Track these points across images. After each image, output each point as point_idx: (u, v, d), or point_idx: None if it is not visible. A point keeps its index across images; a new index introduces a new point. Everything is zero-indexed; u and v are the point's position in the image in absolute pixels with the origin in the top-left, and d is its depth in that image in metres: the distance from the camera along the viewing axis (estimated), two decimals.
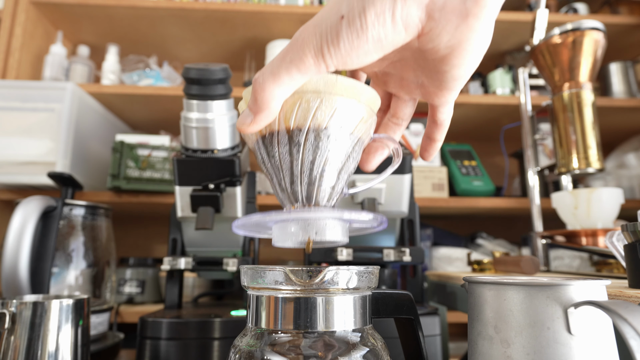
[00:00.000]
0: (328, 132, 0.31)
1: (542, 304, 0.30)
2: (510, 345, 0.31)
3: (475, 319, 0.34)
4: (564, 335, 0.29)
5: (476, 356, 0.34)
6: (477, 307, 0.34)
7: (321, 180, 0.32)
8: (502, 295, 0.32)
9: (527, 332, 0.30)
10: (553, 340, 0.29)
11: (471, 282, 0.35)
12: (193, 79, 0.53)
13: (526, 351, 0.30)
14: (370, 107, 0.33)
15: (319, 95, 0.30)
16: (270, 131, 0.32)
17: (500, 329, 0.31)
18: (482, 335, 0.33)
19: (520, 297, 0.31)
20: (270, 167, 0.33)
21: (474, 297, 0.35)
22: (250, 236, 0.65)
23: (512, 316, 0.31)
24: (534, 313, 0.30)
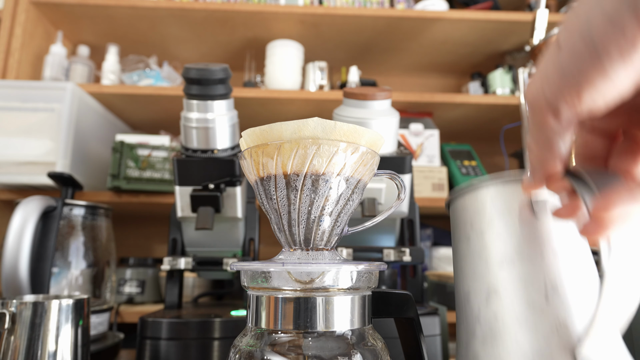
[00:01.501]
0: (326, 178, 0.31)
1: (510, 195, 0.34)
2: (485, 233, 0.34)
3: (455, 229, 0.38)
4: (530, 218, 0.33)
5: (458, 258, 0.37)
6: (456, 218, 0.38)
7: (319, 224, 0.32)
8: (474, 197, 0.36)
9: (498, 220, 0.34)
10: (521, 222, 0.33)
11: (451, 200, 0.39)
12: (193, 79, 0.53)
13: (498, 235, 0.33)
14: (372, 148, 0.33)
15: (317, 142, 0.30)
16: (268, 175, 0.32)
17: (475, 224, 0.35)
18: (461, 239, 0.37)
19: (491, 193, 0.35)
20: (269, 207, 0.33)
21: (453, 213, 0.39)
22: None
23: (485, 210, 0.35)
24: (503, 203, 0.34)
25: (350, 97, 0.54)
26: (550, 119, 0.24)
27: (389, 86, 1.43)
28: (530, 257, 0.31)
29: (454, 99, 1.19)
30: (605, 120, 0.28)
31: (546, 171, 0.28)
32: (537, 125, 0.25)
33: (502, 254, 0.32)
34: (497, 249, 0.33)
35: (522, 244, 0.32)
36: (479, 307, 0.32)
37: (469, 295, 0.34)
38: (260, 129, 0.32)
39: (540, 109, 0.24)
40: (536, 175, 0.29)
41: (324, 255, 0.33)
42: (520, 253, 0.32)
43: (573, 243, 0.33)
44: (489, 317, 0.31)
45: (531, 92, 0.25)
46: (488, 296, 0.32)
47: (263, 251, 1.23)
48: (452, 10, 1.23)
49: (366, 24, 1.25)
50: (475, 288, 0.33)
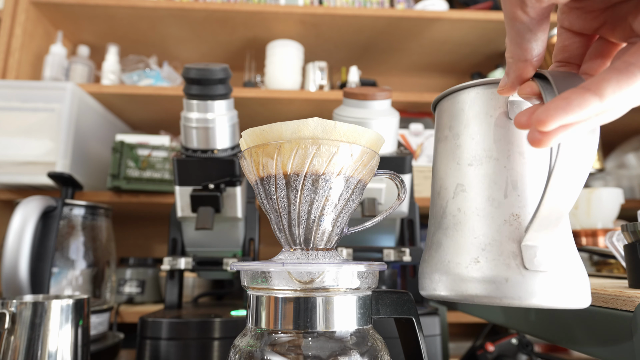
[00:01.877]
0: (326, 178, 0.31)
1: (488, 98, 0.35)
2: (460, 135, 0.36)
3: (437, 131, 0.39)
4: (503, 120, 0.34)
5: (435, 158, 0.39)
6: (438, 120, 0.39)
7: (319, 224, 0.32)
8: (455, 100, 0.37)
9: (473, 122, 0.35)
10: (494, 124, 0.34)
11: (436, 102, 0.40)
12: (193, 79, 0.53)
13: (472, 136, 0.35)
14: (372, 148, 0.33)
15: (317, 142, 0.30)
16: (268, 175, 0.32)
17: (453, 127, 0.37)
18: (440, 139, 0.38)
19: (471, 96, 0.36)
20: (269, 207, 0.33)
21: (437, 116, 0.40)
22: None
23: (463, 114, 0.36)
24: (480, 106, 0.35)
25: (350, 97, 0.54)
26: (518, 10, 0.25)
27: (389, 86, 1.43)
28: (497, 157, 0.34)
29: None
30: (583, 20, 0.28)
31: (518, 71, 0.28)
32: (508, 19, 0.26)
33: (472, 154, 0.35)
34: (469, 149, 0.35)
35: (492, 145, 0.34)
36: (447, 202, 0.35)
37: (440, 191, 0.37)
38: (260, 129, 0.32)
39: (509, 0, 0.25)
40: (510, 76, 0.29)
41: (324, 255, 0.33)
42: (489, 153, 0.34)
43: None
44: (454, 210, 0.34)
45: None
46: (455, 192, 0.35)
47: (263, 251, 1.23)
48: (452, 10, 1.23)
49: (366, 24, 1.25)
50: (445, 185, 0.36)
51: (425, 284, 0.35)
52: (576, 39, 0.29)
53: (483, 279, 0.31)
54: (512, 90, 0.30)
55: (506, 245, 0.31)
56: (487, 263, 0.31)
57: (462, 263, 0.32)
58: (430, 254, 0.35)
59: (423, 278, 0.36)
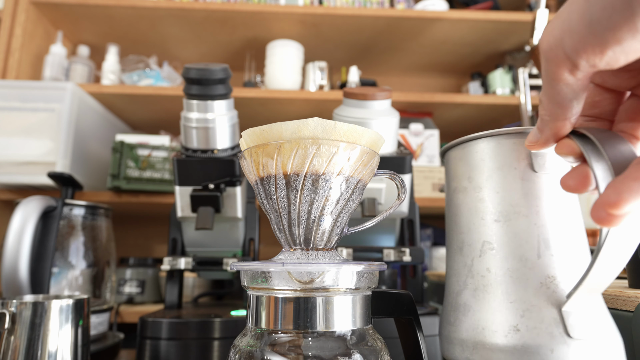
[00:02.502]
0: (326, 178, 0.31)
1: (510, 149, 0.34)
2: (483, 188, 0.34)
3: (451, 179, 0.38)
4: (528, 173, 0.33)
5: (453, 210, 0.37)
6: (452, 168, 0.38)
7: (319, 224, 0.32)
8: (474, 149, 0.36)
9: (497, 174, 0.34)
10: (520, 177, 0.33)
11: (447, 149, 0.39)
12: (193, 79, 0.53)
13: (496, 190, 0.34)
14: (372, 148, 0.33)
15: (317, 142, 0.30)
16: (268, 175, 0.32)
17: (473, 178, 0.35)
18: (457, 190, 0.37)
19: (491, 146, 0.35)
20: (269, 207, 0.33)
21: (450, 163, 0.38)
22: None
23: (483, 164, 0.35)
24: (503, 157, 0.34)
25: (350, 97, 0.54)
26: (566, 73, 0.23)
27: (389, 86, 1.43)
28: (526, 213, 0.32)
29: (454, 99, 1.19)
30: (617, 77, 0.27)
31: (555, 129, 0.27)
32: (550, 79, 0.24)
33: (499, 210, 0.33)
34: (495, 204, 0.33)
35: (519, 200, 0.32)
36: (473, 260, 0.33)
37: (462, 247, 0.35)
38: (260, 129, 0.32)
39: (557, 61, 0.23)
40: (544, 133, 0.28)
41: (324, 255, 0.33)
42: (516, 209, 0.32)
43: (567, 200, 0.33)
44: (481, 270, 0.32)
45: (547, 41, 0.24)
46: (482, 250, 0.33)
47: (263, 251, 1.23)
48: (452, 10, 1.23)
49: (366, 24, 1.25)
50: (469, 241, 0.34)
51: (456, 351, 0.32)
52: (607, 95, 0.28)
53: (525, 350, 0.28)
54: (544, 147, 0.29)
55: (546, 311, 0.29)
56: (528, 332, 0.29)
57: (500, 331, 0.30)
58: (458, 317, 0.33)
59: (450, 343, 0.33)
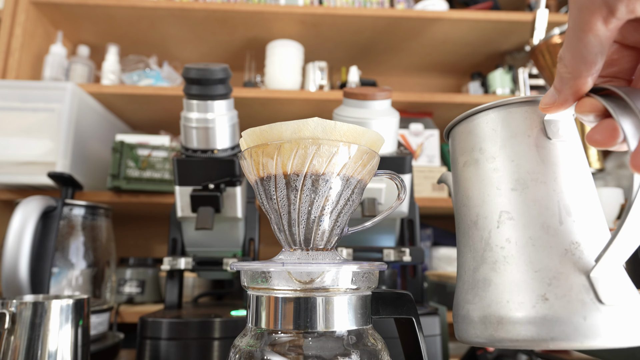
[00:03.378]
0: (326, 178, 0.31)
1: (522, 116, 0.33)
2: (496, 157, 0.33)
3: (460, 155, 0.37)
4: (543, 140, 0.32)
5: (464, 184, 0.36)
6: (460, 143, 0.37)
7: (319, 224, 0.32)
8: (484, 120, 0.35)
9: (510, 143, 0.33)
10: (534, 145, 0.32)
11: (452, 126, 0.38)
12: (193, 79, 0.53)
13: (511, 158, 0.32)
14: (372, 148, 0.33)
15: (317, 142, 0.30)
16: (268, 175, 0.32)
17: (485, 149, 0.34)
18: (468, 163, 0.35)
19: (502, 115, 0.34)
20: (269, 207, 0.33)
21: (456, 139, 0.37)
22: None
23: (496, 134, 0.34)
24: (516, 126, 0.33)
25: (350, 97, 0.54)
26: (599, 22, 0.22)
27: (389, 86, 1.43)
28: (545, 180, 0.31)
29: (454, 99, 1.19)
30: (639, 33, 0.26)
31: (576, 87, 0.26)
32: (579, 29, 0.23)
33: (515, 178, 0.32)
34: (511, 172, 0.32)
35: (536, 167, 0.32)
36: (490, 232, 0.32)
37: (477, 221, 0.33)
38: (260, 129, 0.32)
39: (592, 7, 0.22)
40: (563, 92, 0.27)
41: (324, 255, 0.33)
42: (534, 176, 0.31)
43: (582, 165, 0.32)
44: (500, 241, 0.31)
45: None
46: (500, 221, 0.32)
47: (263, 251, 1.23)
48: (452, 10, 1.23)
49: (366, 24, 1.25)
50: (484, 213, 0.33)
51: (478, 330, 0.31)
52: (626, 52, 0.27)
53: (557, 320, 0.27)
54: (561, 108, 0.28)
55: (574, 278, 0.28)
56: (557, 300, 0.28)
57: (527, 302, 0.28)
58: (477, 294, 0.31)
59: (469, 323, 0.31)
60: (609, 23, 0.22)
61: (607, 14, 0.22)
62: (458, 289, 0.35)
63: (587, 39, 0.23)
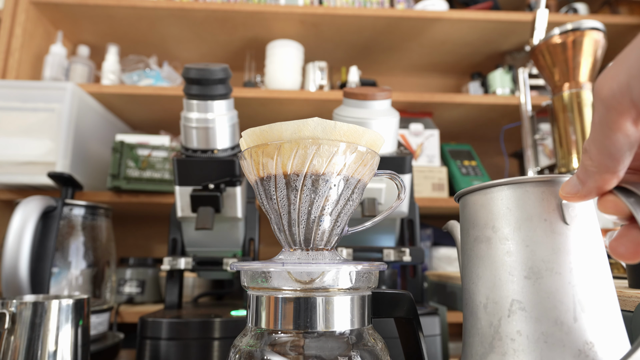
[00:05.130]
0: (326, 178, 0.31)
1: (539, 198, 0.31)
2: (510, 240, 0.32)
3: (471, 227, 0.35)
4: (560, 226, 0.31)
5: (474, 261, 0.34)
6: (472, 215, 0.35)
7: (319, 224, 0.32)
8: (498, 196, 0.33)
9: (526, 226, 0.31)
10: (550, 230, 0.30)
11: (464, 193, 0.36)
12: (193, 79, 0.53)
13: (525, 243, 0.31)
14: (372, 148, 0.33)
15: (317, 142, 0.30)
16: (268, 175, 0.32)
17: (498, 228, 0.32)
18: (479, 239, 0.34)
19: (518, 194, 0.32)
20: (269, 207, 0.33)
21: (468, 208, 0.36)
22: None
23: (510, 213, 0.32)
24: (532, 207, 0.31)
25: (350, 97, 0.54)
26: (629, 123, 0.21)
27: (389, 86, 1.43)
28: (559, 270, 0.29)
29: (454, 99, 1.19)
30: None
31: (601, 183, 0.25)
32: (607, 128, 0.22)
33: (529, 265, 0.30)
34: (525, 258, 0.30)
35: (551, 256, 0.30)
36: (500, 320, 0.30)
37: (486, 304, 0.32)
38: (260, 129, 0.32)
39: (621, 109, 0.21)
40: (587, 185, 0.26)
41: (324, 255, 0.33)
42: (549, 265, 0.30)
43: (599, 253, 0.31)
44: (511, 332, 0.30)
45: (610, 87, 0.21)
46: (511, 310, 0.30)
47: (263, 251, 1.23)
48: (452, 10, 1.23)
49: (366, 24, 1.25)
50: (495, 298, 0.31)
51: None
52: None
53: None
54: (583, 199, 0.27)
55: None
56: None
57: None
58: None
59: None
60: (638, 127, 0.21)
61: (637, 115, 0.21)
62: None
63: (616, 138, 0.22)
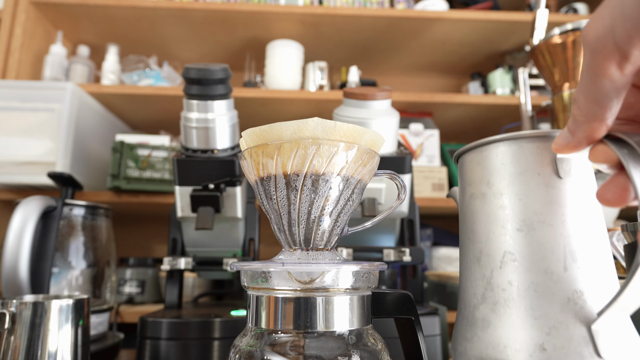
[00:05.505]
0: (326, 178, 0.31)
1: (533, 153, 0.32)
2: (503, 194, 0.32)
3: (467, 185, 0.36)
4: (553, 179, 0.31)
5: (469, 217, 0.35)
6: (468, 172, 0.36)
7: (319, 224, 0.32)
8: (493, 153, 0.34)
9: (519, 180, 0.31)
10: (544, 184, 0.31)
11: (463, 152, 0.36)
12: (193, 79, 0.53)
13: (518, 197, 0.31)
14: (372, 148, 0.33)
15: (317, 142, 0.30)
16: (268, 175, 0.32)
17: (493, 183, 0.33)
18: (474, 196, 0.34)
19: (512, 150, 0.32)
20: (269, 207, 0.33)
21: (465, 166, 0.36)
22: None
23: (504, 169, 0.32)
24: (525, 162, 0.32)
25: (350, 97, 0.54)
26: (613, 66, 0.21)
27: (389, 86, 1.43)
28: (551, 222, 0.30)
29: (454, 99, 1.19)
30: None
31: (590, 132, 0.25)
32: (593, 73, 0.22)
33: (521, 218, 0.31)
34: (517, 211, 0.31)
35: (543, 208, 0.30)
36: (492, 271, 0.31)
37: (480, 257, 0.32)
38: (260, 129, 0.32)
39: (605, 52, 0.21)
40: (576, 135, 0.26)
41: (324, 255, 0.33)
42: (540, 217, 0.30)
43: (594, 206, 0.31)
44: (502, 282, 0.30)
45: (595, 30, 0.21)
46: (503, 261, 0.31)
47: (263, 251, 1.23)
48: (452, 10, 1.23)
49: (366, 24, 1.25)
50: (488, 251, 0.32)
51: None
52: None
53: None
54: (574, 151, 0.27)
55: (574, 329, 0.27)
56: (555, 352, 0.27)
57: (524, 350, 0.28)
58: (475, 333, 0.31)
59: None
60: (624, 68, 0.21)
61: (621, 59, 0.21)
62: (458, 323, 0.34)
63: (602, 83, 0.22)
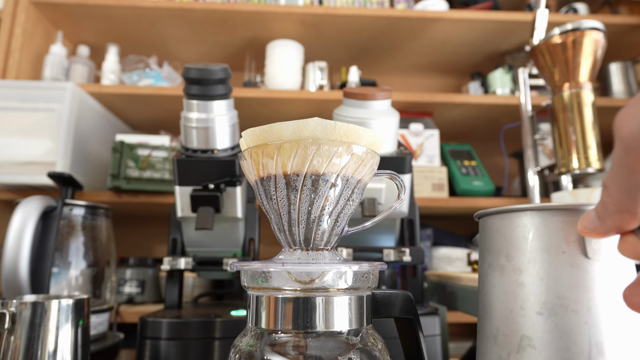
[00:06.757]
0: (326, 178, 0.31)
1: (558, 227, 0.28)
2: (523, 271, 0.29)
3: (487, 252, 0.33)
4: (579, 259, 0.28)
5: (487, 289, 0.32)
6: (488, 239, 0.33)
7: (319, 224, 0.32)
8: (514, 223, 0.30)
9: (541, 258, 0.29)
10: (569, 264, 0.28)
11: (483, 215, 0.34)
12: (193, 79, 0.53)
13: (540, 276, 0.28)
14: (372, 148, 0.33)
15: (317, 142, 0.30)
16: (268, 175, 0.32)
17: (512, 257, 0.30)
18: (492, 267, 0.32)
19: (535, 222, 0.29)
20: (269, 207, 0.33)
21: (485, 231, 0.34)
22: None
23: (525, 242, 0.29)
24: (550, 237, 0.29)
25: (350, 97, 0.54)
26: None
27: (389, 86, 1.43)
28: (575, 308, 0.27)
29: (454, 99, 1.19)
30: None
31: (620, 223, 0.23)
32: (627, 169, 0.21)
33: (542, 300, 0.28)
34: (538, 293, 0.28)
35: (567, 292, 0.27)
36: (509, 354, 0.29)
37: (497, 336, 0.30)
38: (260, 129, 0.32)
39: (639, 151, 0.20)
40: (605, 223, 0.24)
41: (324, 256, 0.33)
42: (563, 302, 0.27)
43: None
44: None
45: (629, 126, 0.20)
46: (520, 346, 0.28)
47: (263, 251, 1.23)
48: (452, 10, 1.23)
49: (366, 24, 1.25)
50: (505, 331, 0.30)
51: None
52: None
53: None
54: (603, 237, 0.25)
55: None
56: None
57: None
58: None
59: None
60: None
61: None
62: None
63: (636, 180, 0.21)
